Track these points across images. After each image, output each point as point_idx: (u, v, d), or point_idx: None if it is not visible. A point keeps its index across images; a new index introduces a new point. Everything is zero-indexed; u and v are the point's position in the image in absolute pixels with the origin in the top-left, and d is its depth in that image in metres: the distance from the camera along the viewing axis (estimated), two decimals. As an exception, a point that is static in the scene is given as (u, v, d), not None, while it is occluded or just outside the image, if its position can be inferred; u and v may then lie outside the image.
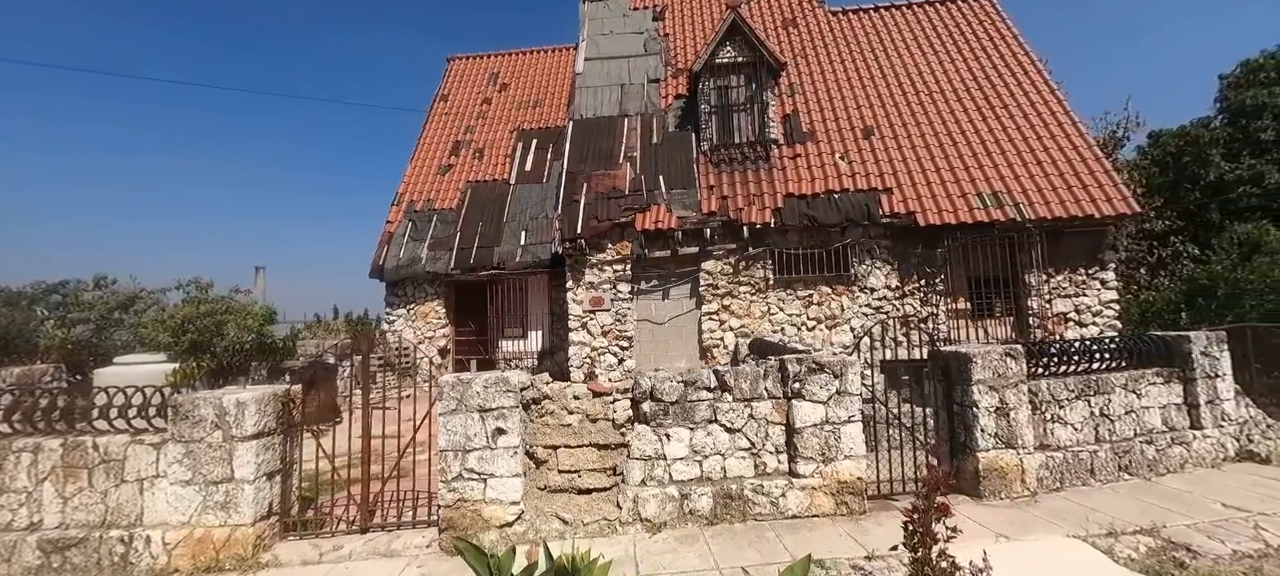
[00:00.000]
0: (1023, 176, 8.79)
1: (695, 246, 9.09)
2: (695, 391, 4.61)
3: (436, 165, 13.75)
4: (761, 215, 8.88)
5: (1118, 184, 8.47)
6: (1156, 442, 5.33)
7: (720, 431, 4.63)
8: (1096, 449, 5.14)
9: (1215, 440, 5.52)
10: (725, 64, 9.92)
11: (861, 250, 8.87)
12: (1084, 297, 8.53)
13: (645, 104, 11.04)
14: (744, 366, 4.75)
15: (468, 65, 16.64)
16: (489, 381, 4.31)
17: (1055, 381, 5.23)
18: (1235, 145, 17.39)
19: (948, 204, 8.62)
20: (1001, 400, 4.88)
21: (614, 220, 9.27)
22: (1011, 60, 10.43)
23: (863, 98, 10.30)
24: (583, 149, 10.47)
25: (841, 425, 4.59)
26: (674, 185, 9.55)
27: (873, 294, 8.85)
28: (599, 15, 13.05)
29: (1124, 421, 5.34)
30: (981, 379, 4.87)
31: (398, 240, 12.50)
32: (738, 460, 4.63)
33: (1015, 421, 4.87)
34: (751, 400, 4.67)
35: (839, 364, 4.63)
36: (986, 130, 9.48)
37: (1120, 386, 5.39)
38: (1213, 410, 5.57)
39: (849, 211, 8.77)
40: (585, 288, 9.46)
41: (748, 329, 9.01)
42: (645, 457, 4.53)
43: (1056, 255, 8.62)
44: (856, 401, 4.63)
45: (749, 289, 9.06)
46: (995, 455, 4.82)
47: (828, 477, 4.54)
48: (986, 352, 4.93)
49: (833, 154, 9.50)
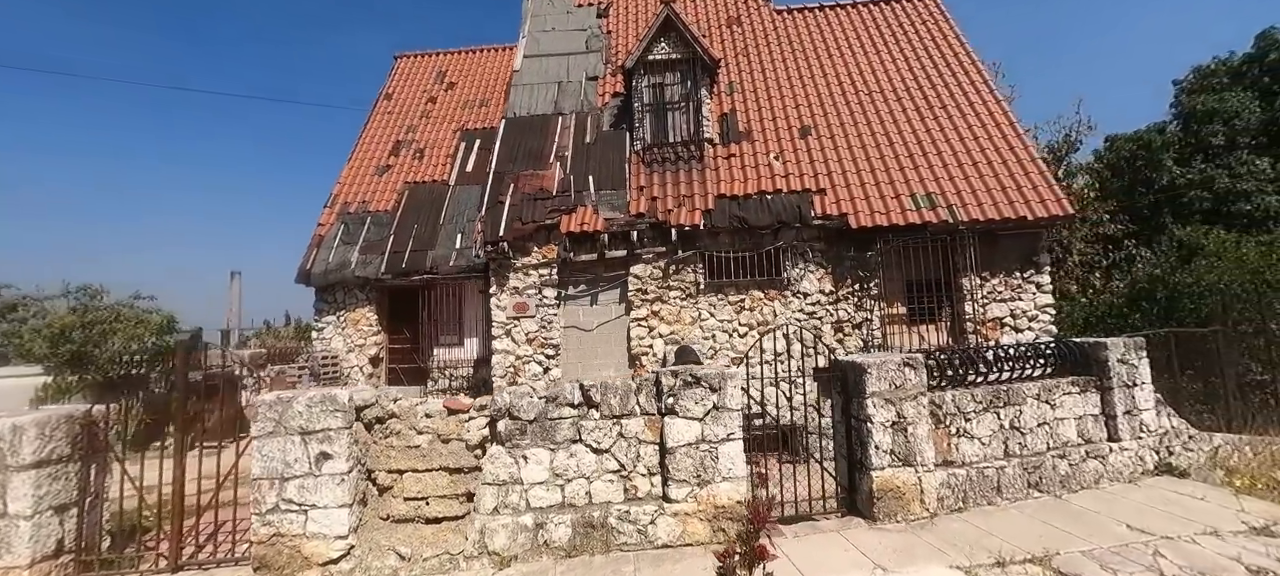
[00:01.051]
0: (958, 177, 8.53)
1: (623, 249, 8.66)
2: (557, 408, 4.16)
3: (374, 166, 13.14)
4: (691, 217, 8.49)
5: (1052, 186, 8.25)
6: (1070, 457, 5.00)
7: (585, 452, 4.17)
8: (1005, 464, 4.79)
9: (1133, 453, 5.22)
10: (659, 61, 9.56)
11: (795, 253, 8.53)
12: (1020, 301, 8.27)
13: (582, 102, 10.63)
14: (614, 380, 4.31)
15: (415, 63, 16.10)
16: (313, 400, 3.80)
17: (962, 392, 4.89)
18: (1188, 150, 17.56)
19: (881, 205, 8.32)
20: (899, 414, 4.51)
21: (539, 222, 8.81)
22: (953, 61, 10.23)
23: (802, 97, 10.01)
24: (513, 149, 10.02)
25: (719, 444, 4.17)
26: (603, 186, 9.13)
27: (806, 299, 8.50)
28: (542, 11, 12.65)
29: (1036, 434, 5.01)
30: (876, 391, 4.50)
31: (328, 244, 11.87)
32: (605, 484, 4.18)
33: (913, 437, 4.50)
34: (621, 417, 4.23)
35: (717, 376, 4.22)
36: (924, 130, 9.23)
37: (1033, 397, 5.06)
38: (1131, 421, 5.27)
39: (780, 213, 8.42)
40: (509, 293, 8.97)
41: (678, 335, 8.59)
42: (499, 482, 4.06)
43: (992, 258, 8.36)
44: (737, 417, 4.21)
45: (679, 294, 8.65)
46: (891, 474, 4.44)
47: (703, 502, 4.11)
48: (882, 362, 4.56)
49: (768, 154, 9.17)
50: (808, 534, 4.28)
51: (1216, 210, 16.10)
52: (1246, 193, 15.38)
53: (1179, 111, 18.87)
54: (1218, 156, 16.60)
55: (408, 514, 4.03)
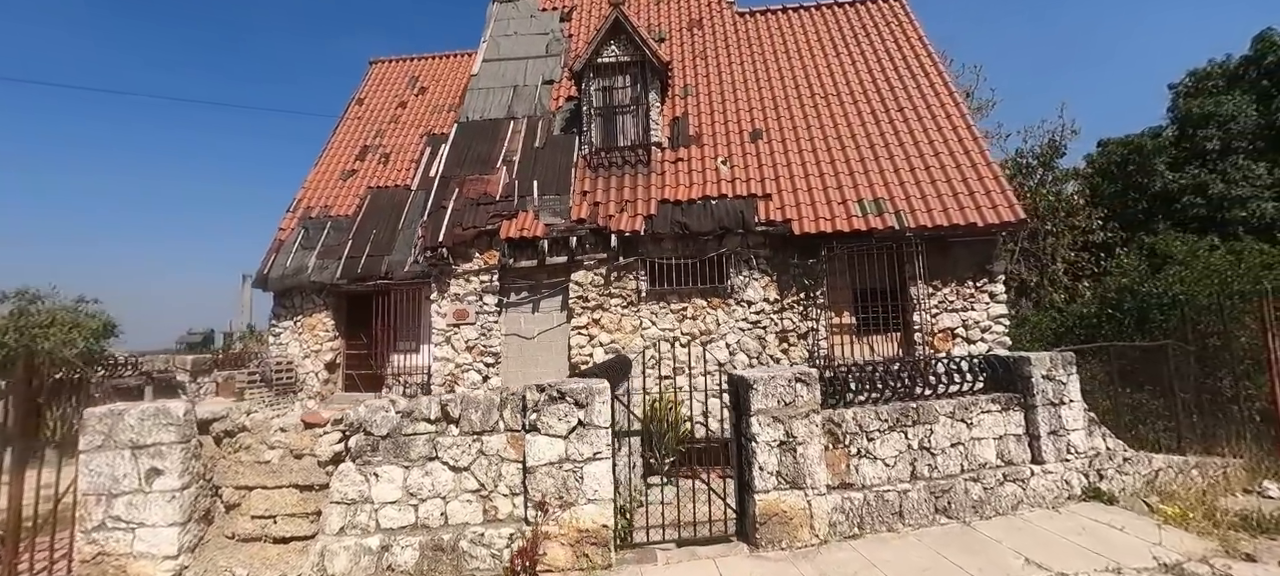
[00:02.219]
0: (908, 182, 8.21)
1: (563, 255, 8.46)
2: (413, 423, 3.94)
3: (340, 170, 13.13)
4: (631, 222, 8.27)
5: (1005, 191, 7.89)
6: (985, 480, 4.66)
7: (442, 470, 3.95)
8: (909, 488, 4.47)
9: (1058, 477, 4.86)
10: (609, 64, 9.38)
11: (739, 260, 8.25)
12: (972, 312, 7.90)
13: (535, 106, 10.49)
14: (476, 394, 4.09)
15: (388, 68, 16.10)
16: (146, 413, 3.63)
17: (866, 410, 4.58)
18: (1182, 154, 16.98)
19: (826, 211, 8.02)
20: (788, 432, 4.23)
21: (480, 227, 8.66)
22: (914, 64, 9.92)
23: (757, 100, 9.76)
24: (462, 153, 9.90)
25: (584, 463, 3.92)
26: (547, 191, 8.95)
27: (750, 307, 8.21)
28: (506, 16, 12.57)
29: (948, 455, 4.68)
30: (763, 408, 4.22)
31: (287, 248, 11.82)
32: (463, 504, 3.95)
33: (803, 457, 4.21)
34: (482, 434, 4.00)
35: (584, 391, 3.98)
36: (877, 134, 8.93)
37: (946, 415, 4.73)
38: (1056, 442, 4.92)
39: (723, 218, 8.16)
40: (450, 299, 8.81)
41: (619, 344, 8.35)
42: (347, 501, 3.85)
43: (944, 267, 8.02)
44: (605, 435, 3.96)
45: (620, 302, 8.42)
46: (776, 497, 4.15)
47: (565, 525, 3.86)
48: (770, 377, 4.28)
49: (716, 158, 8.93)
50: (682, 561, 4.01)
51: (1212, 217, 15.52)
52: (1242, 198, 14.78)
53: (1176, 116, 18.28)
54: (1213, 161, 16.01)
55: (255, 532, 3.84)
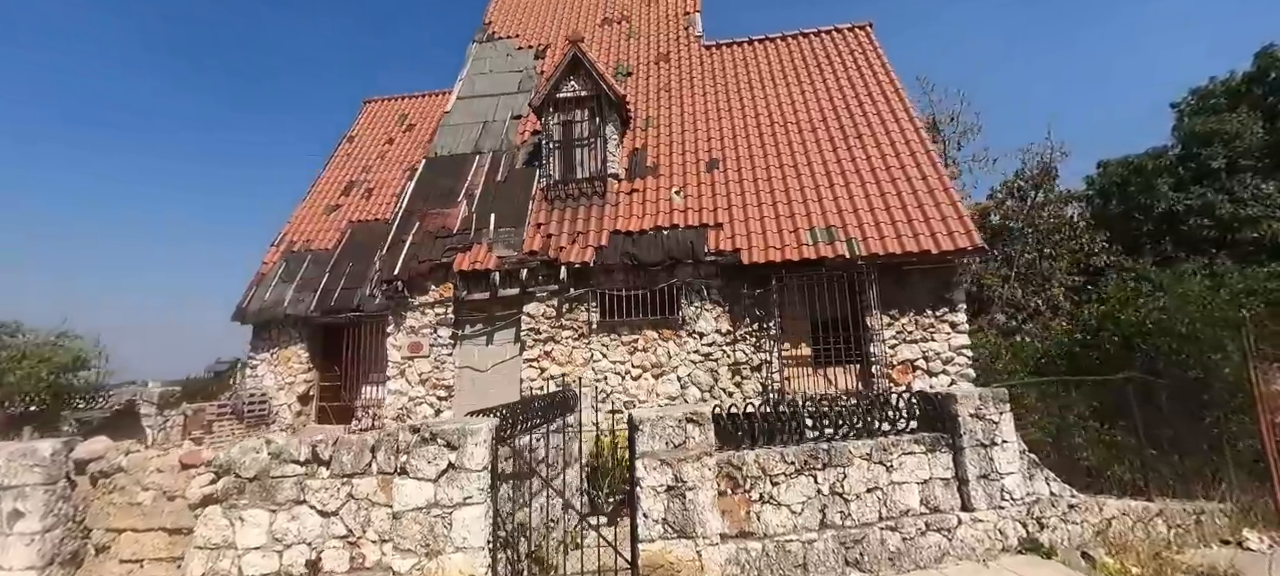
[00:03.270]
0: (863, 210, 8.01)
1: (515, 288, 8.44)
2: (281, 465, 3.86)
3: (325, 205, 13.53)
4: (582, 254, 8.23)
5: (962, 217, 7.61)
6: (904, 529, 4.32)
7: (310, 514, 3.84)
8: (816, 537, 4.17)
9: (990, 526, 4.48)
10: (568, 98, 9.53)
11: (690, 291, 8.10)
12: (932, 342, 7.55)
13: (501, 141, 10.69)
14: (349, 436, 3.99)
15: (380, 107, 16.73)
16: (12, 454, 3.64)
17: (770, 452, 4.33)
18: (1188, 174, 16.33)
19: (777, 240, 7.86)
20: (677, 477, 4.00)
21: (434, 261, 8.73)
22: (876, 90, 9.82)
23: (717, 130, 9.76)
24: (427, 188, 10.09)
25: (454, 509, 3.76)
26: (504, 223, 9.01)
27: (702, 339, 8.00)
28: (484, 55, 12.98)
29: (864, 502, 4.37)
30: (649, 451, 4.02)
31: (268, 282, 12.13)
32: (330, 551, 3.81)
33: (693, 503, 3.98)
34: (353, 476, 3.89)
35: (456, 432, 3.85)
36: (835, 161, 8.79)
37: (862, 457, 4.44)
38: (988, 487, 4.55)
39: (673, 249, 8.06)
40: (406, 332, 8.84)
41: (570, 377, 8.19)
42: (210, 546, 3.75)
43: (901, 296, 7.72)
44: (478, 478, 3.81)
45: (572, 333, 8.31)
46: (662, 547, 3.91)
47: (431, 575, 3.68)
48: (659, 418, 4.09)
49: (671, 188, 8.89)
50: (558, 615, 3.77)
51: (1221, 238, 14.78)
52: (1253, 218, 14.05)
53: (1180, 135, 17.67)
54: (1220, 180, 15.34)
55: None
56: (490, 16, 14.15)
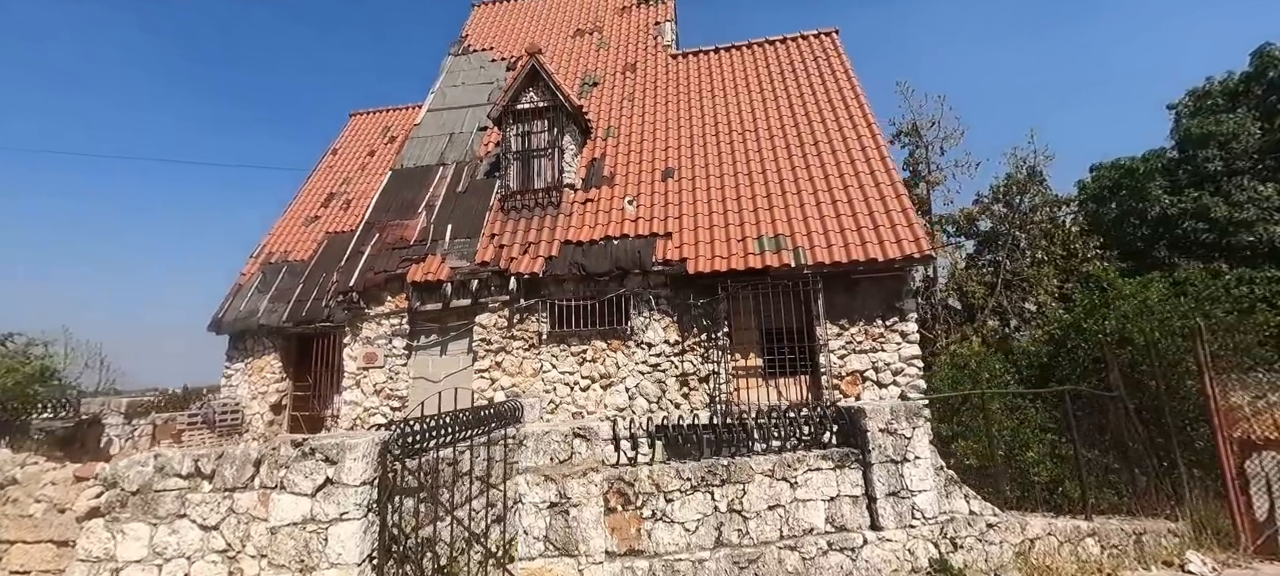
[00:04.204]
0: (813, 217, 7.89)
1: (467, 299, 8.46)
2: (164, 478, 3.88)
3: (304, 217, 13.76)
4: (531, 264, 8.23)
5: (913, 224, 7.46)
6: (805, 549, 4.19)
7: (191, 528, 3.84)
8: (707, 557, 4.06)
9: (899, 546, 4.32)
10: (527, 109, 9.59)
11: (639, 301, 8.04)
12: (882, 353, 7.37)
13: (466, 152, 10.78)
14: (234, 449, 4.00)
15: (365, 120, 17.01)
16: (-100, 467, 3.71)
17: (665, 468, 4.25)
18: (1186, 177, 15.88)
19: (724, 249, 7.77)
20: (561, 493, 3.94)
21: (389, 272, 8.79)
22: (836, 97, 9.72)
23: (675, 139, 9.73)
24: (390, 200, 10.20)
25: (330, 525, 3.73)
26: (460, 234, 9.06)
27: (650, 350, 7.93)
28: (458, 68, 13.15)
29: (764, 520, 4.25)
30: (533, 466, 3.96)
31: (244, 292, 12.34)
32: (209, 566, 3.81)
33: (577, 521, 3.90)
34: (235, 490, 3.89)
35: (335, 446, 3.83)
36: (789, 169, 8.69)
37: (763, 473, 4.33)
38: (897, 505, 4.40)
39: (620, 259, 8.02)
40: (361, 342, 8.90)
41: (520, 388, 8.18)
42: (92, 559, 3.78)
43: (851, 306, 7.57)
44: (355, 494, 3.78)
45: (522, 344, 8.30)
46: (542, 565, 3.84)
47: (304, 592, 3.66)
48: (544, 433, 4.04)
49: (624, 198, 8.86)
50: (433, 634, 3.71)
51: (1217, 242, 14.31)
52: (1248, 222, 13.58)
53: (1178, 137, 17.19)
54: (1218, 183, 14.87)
55: (9, 590, 3.81)
56: (467, 30, 14.36)
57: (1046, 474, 6.53)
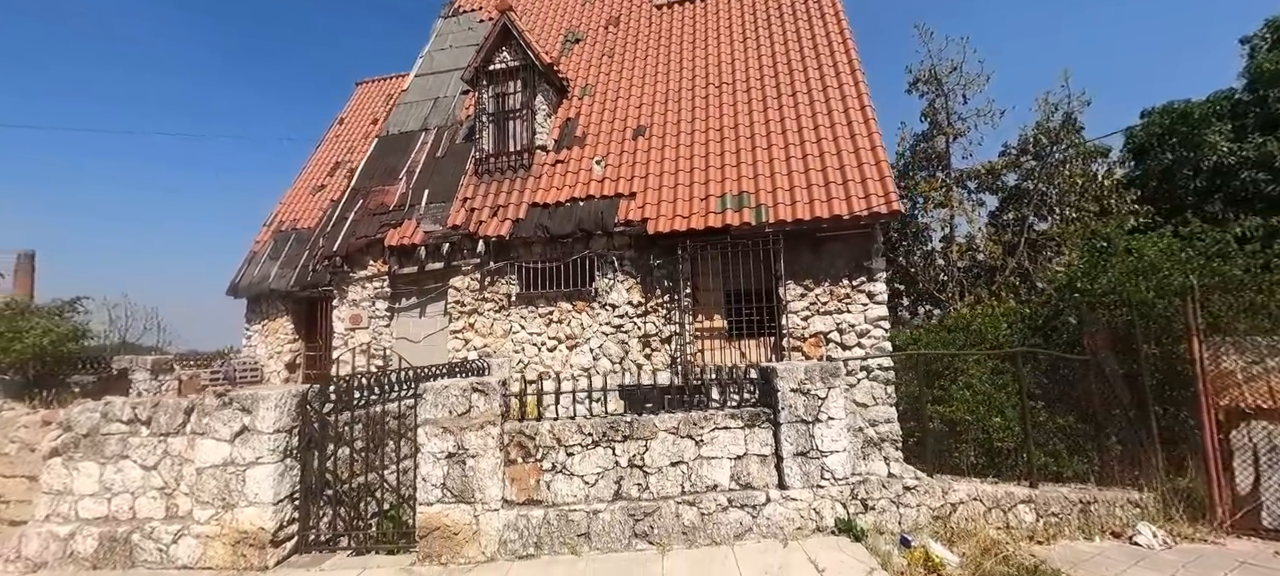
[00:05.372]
0: (780, 173, 7.54)
1: (440, 262, 8.68)
2: (108, 423, 4.29)
3: (312, 186, 14.35)
4: (500, 227, 8.32)
5: (885, 178, 6.99)
6: (703, 504, 4.21)
7: (134, 468, 4.26)
8: (602, 509, 4.15)
9: (805, 505, 4.27)
10: (500, 70, 9.49)
11: (604, 263, 8.02)
12: (847, 314, 7.10)
13: (448, 117, 10.83)
14: (169, 398, 4.35)
15: (371, 88, 17.33)
16: (-106, 408, 4.26)
17: (567, 423, 4.32)
18: (1251, 122, 14.07)
19: (686, 208, 7.58)
20: (459, 444, 4.10)
21: (370, 237, 9.10)
22: (822, 43, 9.06)
23: (650, 95, 9.41)
24: (375, 166, 10.44)
25: (247, 467, 4.05)
26: (435, 199, 9.22)
27: (614, 311, 7.95)
28: (447, 31, 13.07)
29: (666, 476, 4.29)
30: (432, 419, 4.12)
31: (258, 259, 13.14)
32: (149, 501, 4.23)
33: (474, 470, 4.07)
34: (168, 435, 4.26)
35: (250, 398, 4.11)
36: (762, 122, 8.27)
37: (668, 431, 4.34)
38: (805, 465, 4.32)
39: (583, 220, 7.97)
40: (348, 305, 9.35)
41: (490, 348, 8.43)
42: (53, 492, 4.27)
43: (817, 265, 7.28)
44: (269, 440, 4.07)
45: (493, 306, 8.49)
46: (440, 510, 4.04)
47: (226, 526, 4.02)
48: (444, 387, 4.17)
49: (594, 158, 8.72)
50: (339, 568, 4.02)
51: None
52: (1320, 171, 11.96)
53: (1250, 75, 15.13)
54: (1287, 126, 13.10)
55: (-6, 515, 4.38)
56: (460, -10, 14.15)
57: (1013, 440, 6.22)
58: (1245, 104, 14.62)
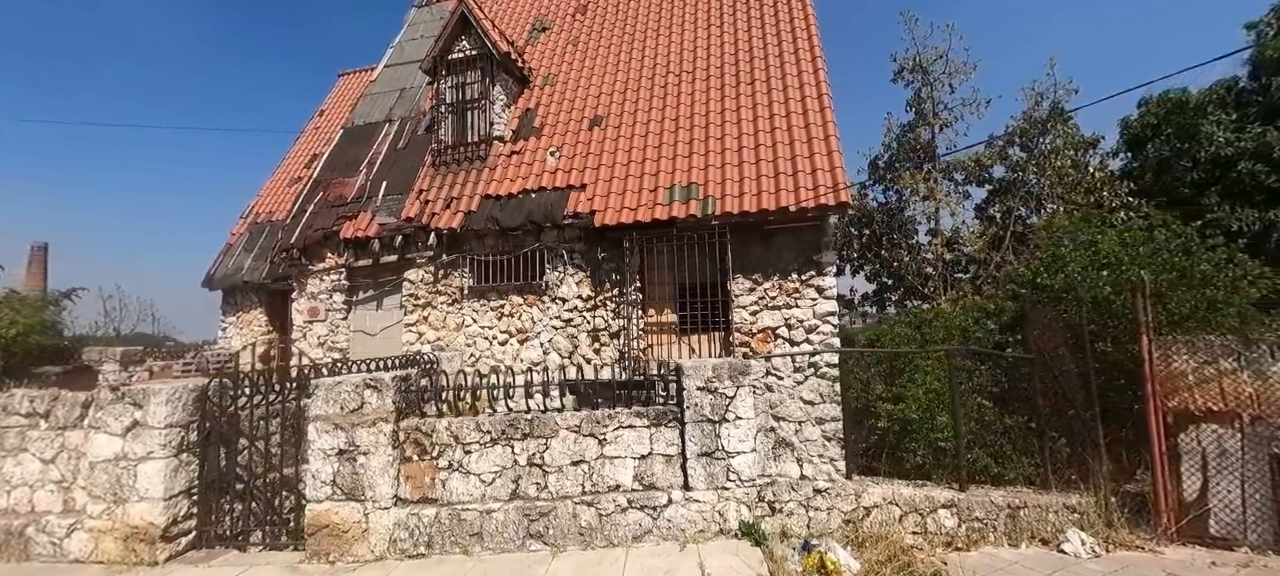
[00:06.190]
0: (732, 165, 7.33)
1: (394, 255, 8.62)
2: (8, 416, 4.27)
3: (289, 178, 14.37)
4: (452, 219, 8.22)
5: (835, 169, 6.76)
6: (601, 505, 4.10)
7: (32, 461, 4.25)
8: (496, 508, 4.06)
9: (708, 507, 4.14)
10: (460, 59, 9.35)
11: (554, 256, 7.90)
12: (796, 309, 6.91)
13: (412, 108, 10.72)
14: (69, 393, 4.33)
15: (352, 80, 17.28)
16: None
17: (465, 420, 4.22)
18: (1253, 111, 13.52)
19: (635, 200, 7.41)
20: (350, 441, 4.02)
21: (326, 229, 9.06)
22: (785, 30, 8.78)
23: (610, 84, 9.22)
24: (337, 159, 10.39)
25: (139, 462, 4.01)
26: (393, 191, 9.15)
27: (564, 305, 7.83)
28: (419, 20, 12.95)
29: (567, 475, 4.18)
30: (323, 414, 4.05)
31: (233, 251, 13.22)
32: (47, 494, 4.22)
33: (364, 468, 3.99)
34: (66, 429, 4.24)
35: (142, 392, 4.06)
36: (718, 111, 8.06)
37: (570, 429, 4.22)
38: (711, 466, 4.19)
39: (533, 212, 7.84)
40: (306, 297, 9.34)
41: (443, 342, 8.37)
42: (-45, 484, 4.27)
43: (767, 258, 7.09)
44: (161, 435, 4.02)
45: (446, 299, 8.42)
46: (329, 508, 3.97)
47: (117, 520, 3.99)
48: (335, 383, 4.09)
49: (549, 150, 8.57)
50: (230, 566, 3.98)
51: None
52: (1321, 161, 11.45)
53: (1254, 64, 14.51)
54: (1289, 115, 12.56)
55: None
56: (434, -21, 13.99)
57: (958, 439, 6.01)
58: (1248, 92, 14.05)
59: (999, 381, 6.84)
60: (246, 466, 4.44)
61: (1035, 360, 5.59)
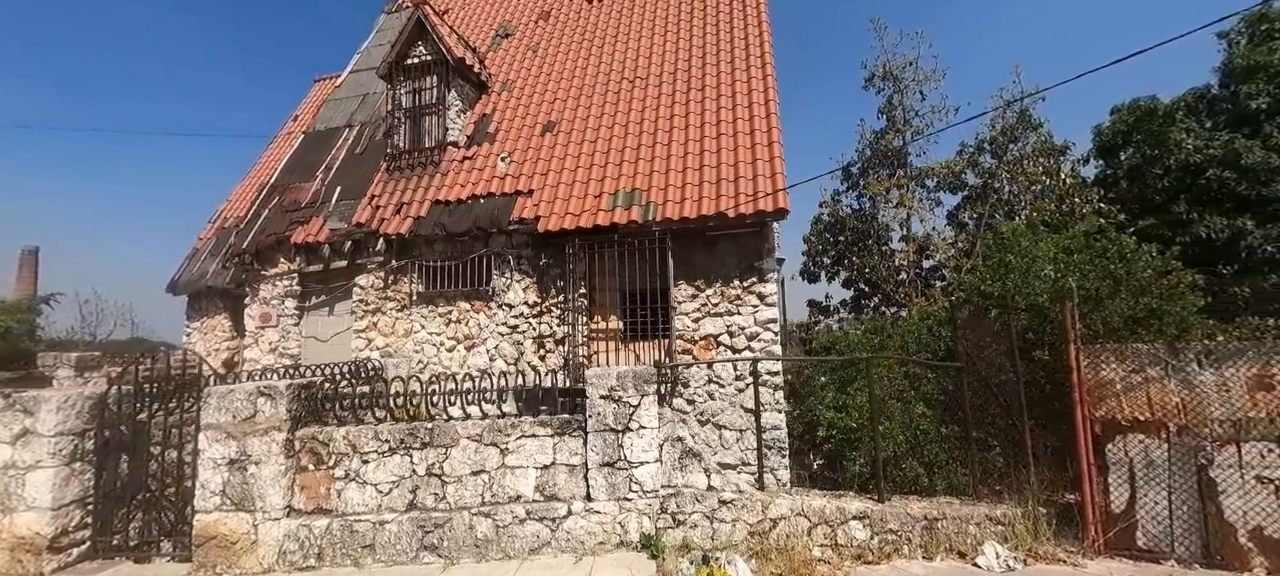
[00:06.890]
0: (676, 171, 7.30)
1: (344, 260, 8.56)
2: (-101, 424, 4.19)
3: (259, 183, 14.32)
4: (401, 225, 8.17)
5: (776, 175, 6.73)
6: (499, 516, 4.03)
7: (-78, 470, 4.16)
8: (389, 520, 3.98)
9: (609, 518, 4.07)
10: (416, 65, 9.34)
11: (501, 262, 7.84)
12: (737, 316, 6.85)
13: (373, 113, 10.70)
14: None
15: (328, 85, 17.23)
16: None
17: (363, 429, 4.15)
18: (1223, 119, 13.56)
19: (578, 206, 7.37)
20: (242, 450, 3.95)
21: (278, 234, 9.01)
22: (739, 37, 8.78)
23: (566, 90, 9.20)
24: (296, 163, 10.35)
25: (27, 471, 3.94)
26: (346, 196, 9.11)
27: (511, 311, 7.77)
28: (388, 26, 12.94)
29: (466, 485, 4.11)
30: (215, 423, 3.97)
31: (199, 256, 13.14)
32: (-64, 503, 4.13)
33: (255, 477, 3.92)
34: (-43, 436, 4.16)
35: (32, 399, 3.99)
36: (667, 117, 8.03)
37: (471, 438, 4.15)
38: (612, 477, 4.12)
39: (479, 218, 7.80)
40: (259, 303, 9.27)
41: (392, 348, 8.30)
42: None
43: (709, 265, 7.04)
44: (51, 443, 3.95)
45: (395, 305, 8.36)
46: (218, 518, 3.90)
47: (3, 530, 3.91)
48: (227, 392, 4.02)
49: (501, 156, 8.54)
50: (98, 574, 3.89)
51: (1249, 194, 12.25)
52: (1284, 169, 11.45)
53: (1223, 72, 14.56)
54: (1256, 124, 12.58)
55: None
56: (406, -15, 14.03)
57: (894, 448, 5.94)
58: (1218, 100, 14.09)
59: (945, 390, 6.78)
60: (155, 476, 4.37)
61: (963, 368, 5.52)
